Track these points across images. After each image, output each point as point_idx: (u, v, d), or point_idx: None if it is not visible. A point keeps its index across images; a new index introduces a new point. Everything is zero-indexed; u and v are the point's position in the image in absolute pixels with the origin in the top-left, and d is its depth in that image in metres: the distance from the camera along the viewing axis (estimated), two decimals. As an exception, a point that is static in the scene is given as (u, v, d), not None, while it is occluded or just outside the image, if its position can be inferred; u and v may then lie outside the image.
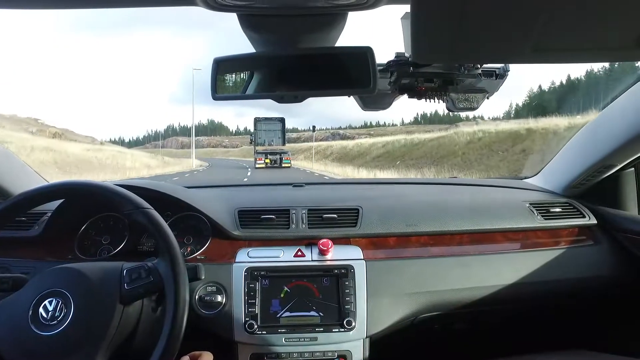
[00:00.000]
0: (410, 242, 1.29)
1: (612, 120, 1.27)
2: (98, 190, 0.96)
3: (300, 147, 52.61)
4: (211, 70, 0.84)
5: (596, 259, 1.32)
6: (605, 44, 0.60)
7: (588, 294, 1.33)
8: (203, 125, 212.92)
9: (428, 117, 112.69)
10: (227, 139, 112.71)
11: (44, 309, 0.83)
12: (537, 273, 1.26)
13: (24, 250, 1.23)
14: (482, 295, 1.23)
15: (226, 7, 0.65)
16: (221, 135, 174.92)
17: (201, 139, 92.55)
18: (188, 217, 1.30)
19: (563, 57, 0.64)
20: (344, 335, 1.11)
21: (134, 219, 0.94)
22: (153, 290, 0.90)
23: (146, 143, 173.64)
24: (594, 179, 1.41)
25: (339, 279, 1.15)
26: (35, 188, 0.96)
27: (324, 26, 0.74)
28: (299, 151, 45.75)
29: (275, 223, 1.28)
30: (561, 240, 1.36)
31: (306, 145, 53.33)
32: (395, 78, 0.95)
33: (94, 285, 0.86)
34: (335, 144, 46.30)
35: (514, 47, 0.61)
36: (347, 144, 36.55)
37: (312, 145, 46.82)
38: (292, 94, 0.84)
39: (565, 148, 1.51)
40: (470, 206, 1.39)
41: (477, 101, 1.02)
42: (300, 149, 47.51)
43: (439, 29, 0.56)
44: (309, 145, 49.74)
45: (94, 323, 0.83)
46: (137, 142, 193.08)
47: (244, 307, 1.12)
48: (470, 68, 0.93)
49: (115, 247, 1.26)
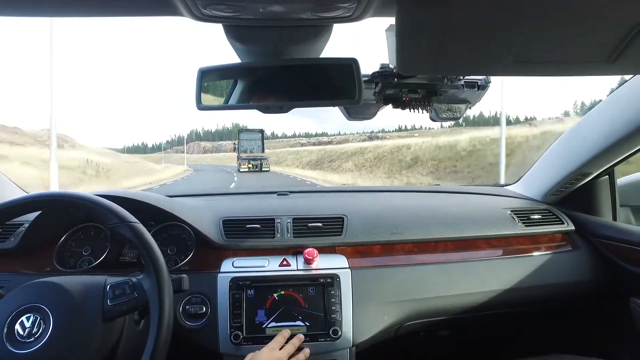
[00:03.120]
0: (395, 250, 1.29)
1: (588, 130, 1.31)
2: (81, 202, 0.93)
3: (341, 149, 41.16)
4: (196, 80, 0.83)
5: (574, 264, 1.36)
6: (581, 59, 0.62)
7: (568, 298, 1.36)
8: (227, 129, 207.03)
9: (470, 119, 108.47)
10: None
11: (20, 325, 0.79)
12: (519, 279, 1.28)
13: (0, 263, 1.19)
14: (465, 302, 1.24)
15: (212, 18, 0.65)
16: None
17: (224, 144, 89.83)
18: (171, 227, 1.28)
19: (542, 71, 0.67)
20: (330, 344, 1.11)
21: (119, 232, 0.91)
22: (137, 307, 0.87)
23: (168, 148, 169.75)
24: (572, 187, 1.45)
25: (325, 288, 1.15)
26: (17, 198, 0.93)
27: (310, 37, 0.75)
28: (341, 156, 36.12)
29: (260, 232, 1.27)
30: (541, 246, 1.39)
31: (350, 146, 42.81)
32: (380, 89, 0.96)
33: (75, 301, 0.83)
34: (382, 144, 34.82)
35: (496, 60, 0.63)
36: (399, 145, 28.94)
37: (359, 147, 37.80)
38: (277, 104, 0.84)
39: (544, 156, 1.55)
40: (454, 214, 1.41)
41: (459, 111, 1.04)
42: (343, 153, 36.78)
43: (422, 42, 0.58)
44: (357, 146, 40.03)
45: (74, 340, 0.80)
46: (159, 148, 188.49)
47: (229, 318, 1.10)
48: (453, 79, 0.95)
49: (96, 258, 1.23)
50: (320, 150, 48.49)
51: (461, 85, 0.97)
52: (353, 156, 32.59)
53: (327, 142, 73.90)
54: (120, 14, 0.65)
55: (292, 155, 52.10)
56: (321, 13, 0.63)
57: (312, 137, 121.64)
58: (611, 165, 1.35)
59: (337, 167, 30.86)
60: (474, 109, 1.07)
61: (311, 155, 45.03)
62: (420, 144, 24.83)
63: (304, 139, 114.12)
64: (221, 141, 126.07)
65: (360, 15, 0.64)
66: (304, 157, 44.67)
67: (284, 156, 52.47)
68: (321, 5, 0.60)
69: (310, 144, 79.41)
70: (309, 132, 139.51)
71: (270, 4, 0.60)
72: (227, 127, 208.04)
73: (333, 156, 37.16)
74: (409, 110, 1.01)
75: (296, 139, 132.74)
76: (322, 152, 44.22)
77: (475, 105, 1.04)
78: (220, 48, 0.84)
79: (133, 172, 26.07)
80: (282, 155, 54.95)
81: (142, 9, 0.64)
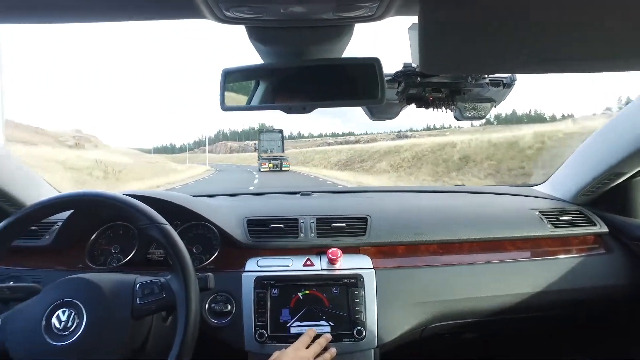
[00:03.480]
0: (419, 250, 1.28)
1: (622, 128, 1.26)
2: (112, 201, 0.97)
3: (372, 148, 35.68)
4: (220, 81, 0.85)
5: (608, 268, 1.31)
6: (613, 54, 0.60)
7: (600, 304, 1.31)
8: (253, 129, 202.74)
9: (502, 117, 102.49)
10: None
11: (57, 319, 0.84)
12: (548, 282, 1.24)
13: (36, 259, 1.25)
14: (492, 304, 1.21)
15: (235, 20, 0.66)
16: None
17: (250, 143, 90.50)
18: (197, 226, 1.31)
19: (571, 67, 0.64)
20: (354, 345, 1.11)
21: (148, 233, 0.94)
22: (165, 307, 0.90)
23: (195, 148, 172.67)
24: (604, 187, 1.40)
25: (349, 288, 1.15)
26: (50, 198, 0.97)
27: (332, 38, 0.75)
28: (373, 155, 31.39)
29: (284, 232, 1.28)
30: (572, 248, 1.34)
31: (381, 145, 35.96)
32: (402, 88, 0.95)
33: (107, 297, 0.86)
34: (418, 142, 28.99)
35: (521, 58, 0.61)
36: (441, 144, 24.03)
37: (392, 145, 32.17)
38: (300, 104, 0.84)
39: (575, 155, 1.50)
40: (479, 214, 1.38)
41: (484, 110, 1.03)
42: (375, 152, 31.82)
43: (446, 40, 0.57)
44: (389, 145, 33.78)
45: (105, 335, 0.83)
46: (188, 148, 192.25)
47: (253, 317, 1.12)
48: (477, 78, 0.94)
49: (124, 256, 1.27)
50: (349, 149, 42.87)
51: (486, 83, 0.96)
52: (387, 155, 28.85)
53: (354, 142, 70.70)
54: (145, 18, 0.67)
55: (320, 154, 46.89)
56: (343, 13, 0.63)
57: (338, 137, 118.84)
58: None
59: (369, 168, 27.89)
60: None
61: (340, 154, 40.19)
62: (468, 142, 21.20)
63: (330, 139, 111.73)
64: (247, 141, 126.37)
65: (382, 14, 0.64)
66: (332, 157, 40.09)
67: (311, 156, 47.95)
68: (343, 5, 0.61)
69: (337, 144, 75.26)
70: (336, 132, 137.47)
71: (291, 5, 0.60)
72: (253, 127, 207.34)
73: (364, 156, 33.22)
74: (433, 110, 1.00)
75: (322, 138, 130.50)
76: (351, 151, 39.40)
77: (500, 104, 1.02)
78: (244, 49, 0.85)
79: (152, 172, 25.77)
80: (308, 155, 50.05)
81: (167, 13, 0.66)
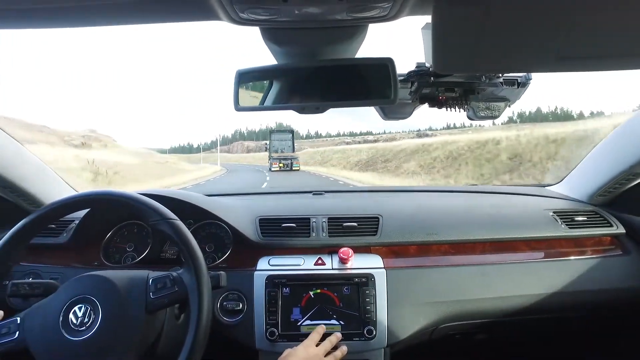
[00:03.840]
0: (431, 250, 1.27)
1: None
2: (126, 200, 0.99)
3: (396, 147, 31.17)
4: (234, 81, 0.85)
5: (625, 270, 1.28)
6: (632, 51, 0.59)
7: (616, 306, 1.29)
8: (271, 128, 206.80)
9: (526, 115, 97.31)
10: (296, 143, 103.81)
11: (73, 314, 0.86)
12: (562, 284, 1.22)
13: (53, 256, 1.28)
14: (504, 305, 1.20)
15: (249, 22, 0.67)
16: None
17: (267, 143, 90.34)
18: (209, 225, 1.33)
19: (589, 65, 0.64)
20: (365, 344, 1.11)
21: (159, 229, 0.96)
22: (178, 300, 0.91)
23: (213, 148, 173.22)
24: (622, 187, 1.37)
25: (360, 287, 1.15)
26: (66, 197, 1.00)
27: (345, 38, 0.75)
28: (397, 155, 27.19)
29: (295, 231, 1.29)
30: (587, 249, 1.32)
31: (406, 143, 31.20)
32: (415, 88, 0.95)
33: (121, 293, 0.88)
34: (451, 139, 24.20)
35: (537, 56, 0.61)
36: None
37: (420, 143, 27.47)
38: (313, 105, 0.85)
39: (591, 155, 1.47)
40: (492, 214, 1.37)
41: (498, 110, 1.02)
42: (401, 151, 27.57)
43: (459, 40, 0.57)
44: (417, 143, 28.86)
45: (121, 330, 0.85)
46: (205, 147, 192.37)
47: (265, 315, 1.13)
48: (491, 77, 0.93)
49: (139, 254, 1.29)
50: (370, 148, 38.55)
51: (500, 83, 0.95)
52: (414, 155, 25.35)
53: (373, 141, 67.11)
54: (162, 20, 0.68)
55: (338, 154, 42.83)
56: (356, 14, 0.64)
57: (356, 136, 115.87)
58: None
59: (395, 169, 24.75)
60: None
61: (360, 154, 36.23)
62: (515, 138, 17.92)
63: (348, 138, 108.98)
64: (265, 141, 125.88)
65: (396, 14, 0.64)
66: (352, 157, 36.51)
67: (329, 155, 44.14)
68: (356, 6, 0.61)
69: (356, 143, 70.07)
70: (353, 131, 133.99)
71: (305, 6, 0.61)
72: (271, 126, 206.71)
73: (387, 155, 29.80)
74: (446, 110, 0.99)
75: (340, 137, 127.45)
76: (372, 150, 35.55)
77: (514, 103, 1.01)
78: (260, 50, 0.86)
79: (156, 173, 25.00)
80: (326, 154, 45.85)
81: (182, 15, 0.66)
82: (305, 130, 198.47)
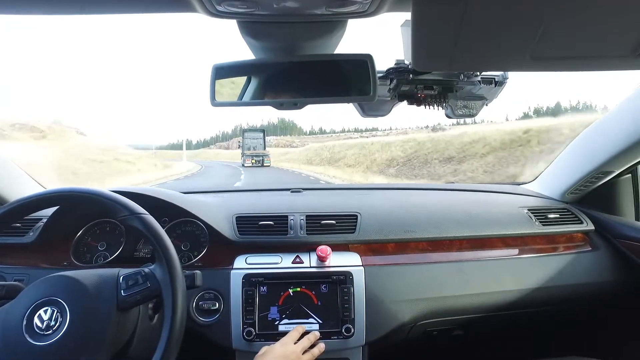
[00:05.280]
0: (409, 248, 1.28)
1: (610, 127, 1.28)
2: (93, 196, 0.95)
3: (442, 138, 20.68)
4: (210, 76, 0.83)
5: (594, 265, 1.33)
6: (603, 53, 0.60)
7: (586, 300, 1.34)
8: (273, 124, 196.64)
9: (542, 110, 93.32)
10: (299, 139, 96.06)
11: (38, 318, 0.81)
12: (536, 279, 1.26)
13: (19, 256, 1.22)
14: (480, 301, 1.22)
15: (226, 14, 0.65)
16: (292, 135, 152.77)
17: (270, 139, 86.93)
18: (185, 223, 1.30)
19: (562, 65, 0.65)
20: (343, 342, 1.11)
21: (129, 224, 0.93)
22: (150, 297, 0.88)
23: (211, 144, 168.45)
24: (592, 185, 1.42)
25: (338, 285, 1.15)
26: (31, 195, 0.95)
27: (324, 33, 0.74)
28: (466, 148, 17.90)
29: (273, 229, 1.28)
30: (559, 246, 1.36)
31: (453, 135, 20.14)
32: (394, 85, 0.95)
33: (91, 293, 0.84)
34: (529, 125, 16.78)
35: (513, 56, 0.61)
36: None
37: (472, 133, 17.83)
38: (291, 100, 0.84)
39: (563, 154, 1.52)
40: (469, 212, 1.39)
41: (475, 108, 1.03)
42: (467, 144, 18.20)
43: (438, 37, 0.57)
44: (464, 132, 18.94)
45: (90, 331, 0.82)
46: (204, 144, 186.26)
47: (242, 314, 1.11)
48: (469, 75, 0.94)
49: (111, 253, 1.25)
50: (407, 140, 24.06)
51: (478, 81, 0.96)
52: (472, 146, 17.68)
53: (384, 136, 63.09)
54: (137, 11, 0.66)
55: (354, 149, 29.61)
56: (335, 8, 0.63)
57: (363, 132, 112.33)
58: (634, 164, 1.31)
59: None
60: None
61: (390, 149, 23.90)
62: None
63: (354, 134, 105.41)
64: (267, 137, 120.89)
65: (375, 10, 0.63)
66: (378, 154, 24.47)
67: (341, 152, 31.10)
68: (336, 1, 0.60)
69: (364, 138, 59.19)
70: (358, 127, 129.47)
71: (284, 0, 0.60)
72: (273, 122, 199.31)
73: (449, 149, 19.15)
74: (424, 107, 1.00)
75: (346, 134, 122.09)
76: (410, 143, 22.71)
77: (491, 102, 1.03)
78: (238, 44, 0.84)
79: (84, 173, 20.34)
80: (337, 150, 32.53)
81: (158, 6, 0.64)
82: (309, 126, 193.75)
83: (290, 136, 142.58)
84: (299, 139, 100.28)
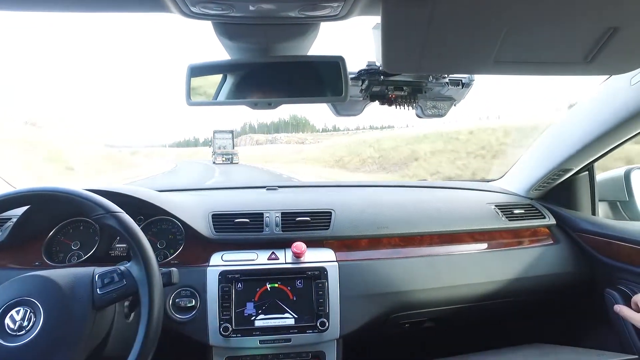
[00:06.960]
0: (381, 244, 1.32)
1: (569, 128, 1.35)
2: (66, 195, 0.94)
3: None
4: (185, 76, 0.84)
5: (555, 257, 1.40)
6: (558, 59, 0.65)
7: (549, 290, 1.41)
8: (284, 121, 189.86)
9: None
10: (311, 136, 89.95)
11: (10, 319, 0.80)
12: (503, 272, 1.32)
13: None
14: (450, 294, 1.28)
15: (201, 16, 0.66)
16: (305, 132, 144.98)
17: (280, 136, 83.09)
18: (161, 221, 1.29)
19: (523, 70, 0.69)
20: (318, 336, 1.14)
21: (105, 223, 0.92)
22: (127, 294, 0.88)
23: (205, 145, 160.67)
24: (553, 182, 1.50)
25: (313, 281, 1.17)
26: (1, 194, 0.94)
27: (297, 36, 0.76)
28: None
29: (249, 226, 1.29)
30: (524, 239, 1.43)
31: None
32: (366, 86, 0.98)
33: (65, 292, 0.84)
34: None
35: (477, 59, 0.65)
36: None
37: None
38: (265, 100, 0.85)
39: (528, 152, 1.59)
40: (439, 209, 1.44)
41: (444, 108, 1.07)
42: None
43: (407, 41, 0.60)
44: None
45: (65, 330, 0.81)
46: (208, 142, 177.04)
47: (218, 311, 1.12)
48: (438, 77, 0.98)
49: (85, 252, 1.23)
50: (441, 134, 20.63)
51: (446, 83, 1.00)
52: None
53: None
54: (110, 10, 0.65)
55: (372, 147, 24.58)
56: (308, 12, 0.65)
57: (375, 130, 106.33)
58: (591, 162, 1.39)
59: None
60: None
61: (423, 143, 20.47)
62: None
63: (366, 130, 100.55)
64: (276, 133, 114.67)
65: (347, 14, 0.66)
66: (419, 150, 20.23)
67: (356, 150, 26.21)
68: (308, 5, 0.62)
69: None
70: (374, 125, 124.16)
71: (258, 3, 0.61)
72: (284, 119, 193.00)
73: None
74: (395, 107, 1.03)
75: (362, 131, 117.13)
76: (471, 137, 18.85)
77: (459, 103, 1.07)
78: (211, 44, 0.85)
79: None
80: (353, 148, 27.23)
81: (132, 6, 0.65)
82: (322, 124, 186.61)
83: (304, 133, 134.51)
84: (312, 136, 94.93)
